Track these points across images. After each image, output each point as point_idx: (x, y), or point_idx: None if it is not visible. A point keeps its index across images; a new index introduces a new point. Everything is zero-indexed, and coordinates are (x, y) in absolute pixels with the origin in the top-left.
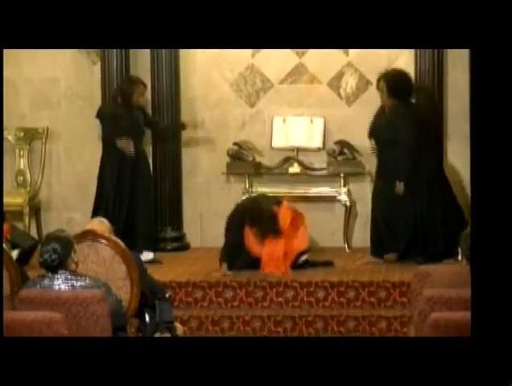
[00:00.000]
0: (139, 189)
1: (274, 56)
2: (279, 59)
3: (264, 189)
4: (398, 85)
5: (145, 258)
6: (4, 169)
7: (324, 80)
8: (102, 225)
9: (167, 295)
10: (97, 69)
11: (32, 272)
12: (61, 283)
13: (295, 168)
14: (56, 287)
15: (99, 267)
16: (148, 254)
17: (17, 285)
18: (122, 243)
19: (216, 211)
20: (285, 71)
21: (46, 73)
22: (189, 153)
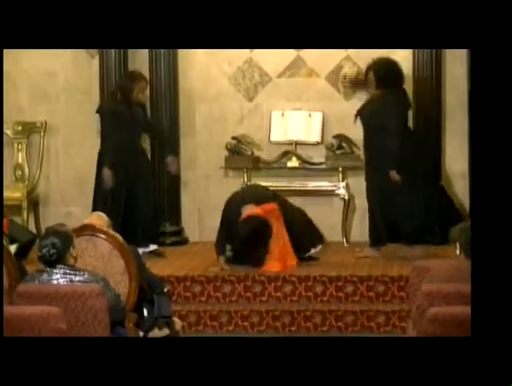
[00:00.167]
0: (139, 185)
1: (272, 50)
2: (277, 52)
3: (262, 183)
4: (387, 76)
5: (149, 249)
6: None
7: (323, 74)
8: (100, 219)
9: (166, 290)
10: (96, 63)
11: (30, 266)
12: (59, 278)
13: (294, 162)
14: (55, 282)
15: (97, 261)
16: (152, 246)
17: (15, 280)
18: (121, 237)
19: (214, 206)
20: (283, 65)
21: (44, 67)
22: (187, 147)
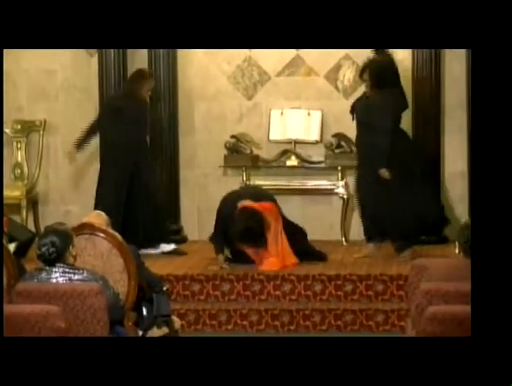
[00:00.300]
0: (141, 184)
1: (271, 49)
2: (277, 51)
3: (261, 182)
4: (383, 75)
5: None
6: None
7: (322, 73)
8: (99, 218)
9: (165, 288)
10: (95, 61)
11: (29, 265)
12: (58, 276)
13: (293, 161)
14: (54, 280)
15: (96, 260)
16: (169, 245)
17: (14, 279)
18: (120, 236)
19: (213, 204)
20: (282, 63)
21: (43, 65)
22: (187, 145)
